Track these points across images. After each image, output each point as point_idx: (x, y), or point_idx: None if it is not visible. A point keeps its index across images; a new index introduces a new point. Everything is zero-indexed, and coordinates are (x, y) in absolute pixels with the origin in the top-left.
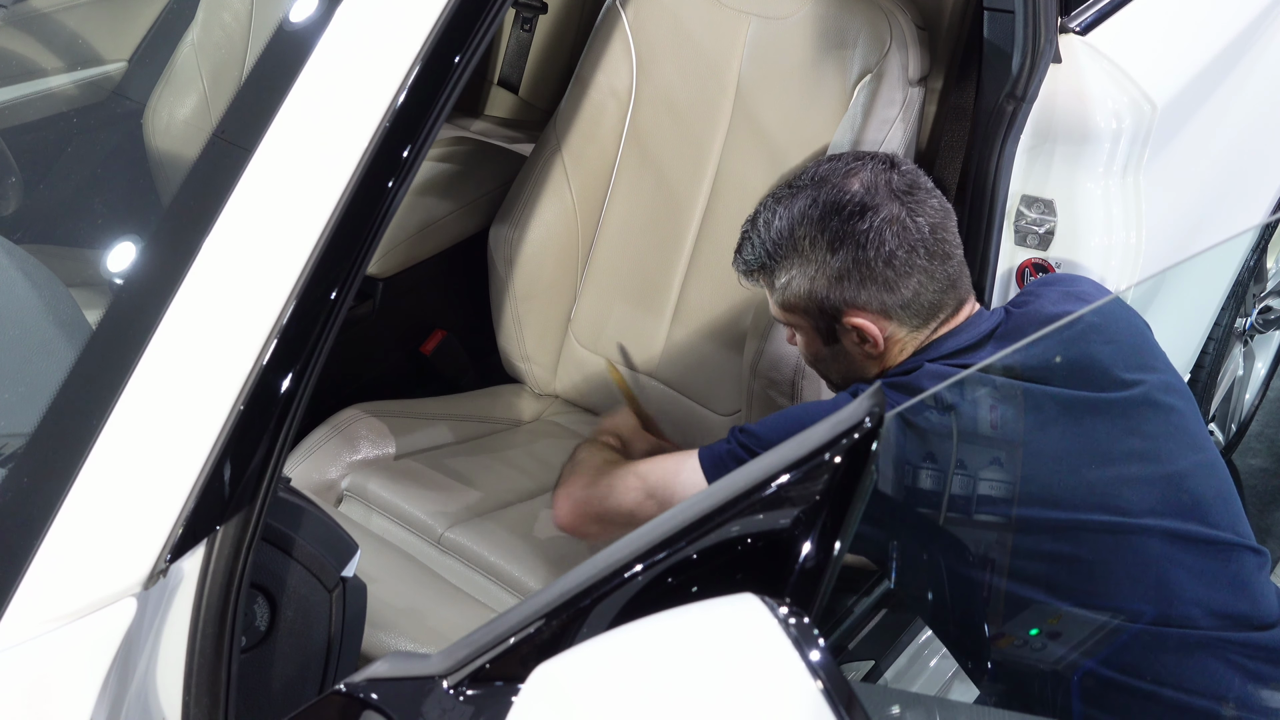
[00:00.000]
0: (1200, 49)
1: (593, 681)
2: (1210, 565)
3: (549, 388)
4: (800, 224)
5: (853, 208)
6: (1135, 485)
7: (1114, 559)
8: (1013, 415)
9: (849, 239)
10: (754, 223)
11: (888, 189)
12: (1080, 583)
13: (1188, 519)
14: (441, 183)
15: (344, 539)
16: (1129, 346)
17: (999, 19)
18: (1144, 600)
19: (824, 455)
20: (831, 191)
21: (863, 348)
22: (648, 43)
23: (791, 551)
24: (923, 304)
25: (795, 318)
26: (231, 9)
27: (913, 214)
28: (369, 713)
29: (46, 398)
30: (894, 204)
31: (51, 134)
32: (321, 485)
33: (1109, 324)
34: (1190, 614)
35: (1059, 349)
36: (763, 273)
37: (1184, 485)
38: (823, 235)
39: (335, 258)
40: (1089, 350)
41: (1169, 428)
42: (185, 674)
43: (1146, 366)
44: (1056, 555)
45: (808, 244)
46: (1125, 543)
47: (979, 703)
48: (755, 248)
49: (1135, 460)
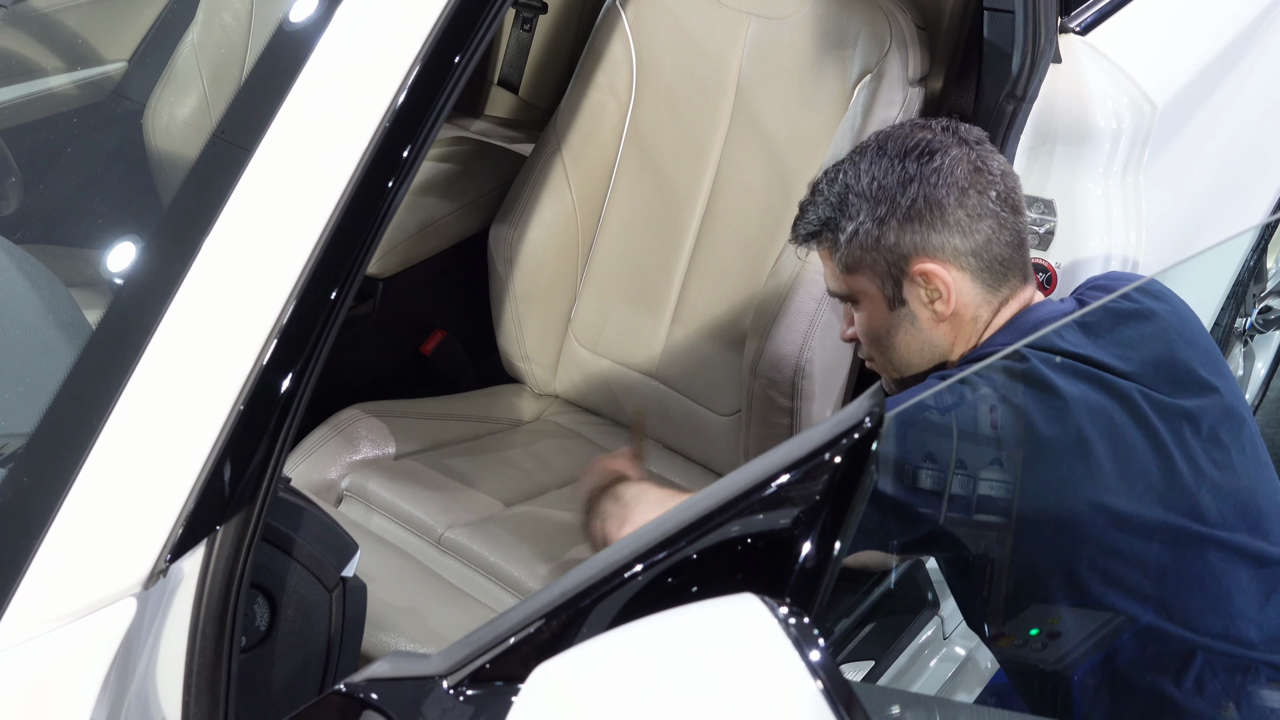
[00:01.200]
0: (1200, 49)
1: (593, 681)
2: (1266, 585)
3: (549, 388)
4: (869, 170)
5: (922, 149)
6: (1214, 495)
7: (1189, 569)
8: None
9: (919, 178)
10: (815, 189)
11: (956, 136)
12: (1158, 590)
13: (1255, 534)
14: (441, 183)
15: (344, 539)
16: (1204, 351)
17: (999, 19)
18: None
19: (824, 455)
20: (899, 140)
21: (932, 307)
22: (648, 43)
23: (791, 551)
24: (994, 256)
25: (858, 280)
26: (231, 9)
27: (984, 158)
28: (369, 713)
29: (46, 398)
30: (964, 147)
31: (51, 134)
32: (321, 485)
33: (1186, 325)
34: (1247, 633)
35: (1143, 344)
36: (826, 231)
37: (1253, 500)
38: (891, 175)
39: (335, 258)
40: (1172, 349)
41: (1241, 439)
42: (185, 674)
43: (1221, 373)
44: (1137, 557)
45: (876, 187)
46: (1200, 553)
47: (979, 703)
48: (819, 207)
49: (1215, 468)
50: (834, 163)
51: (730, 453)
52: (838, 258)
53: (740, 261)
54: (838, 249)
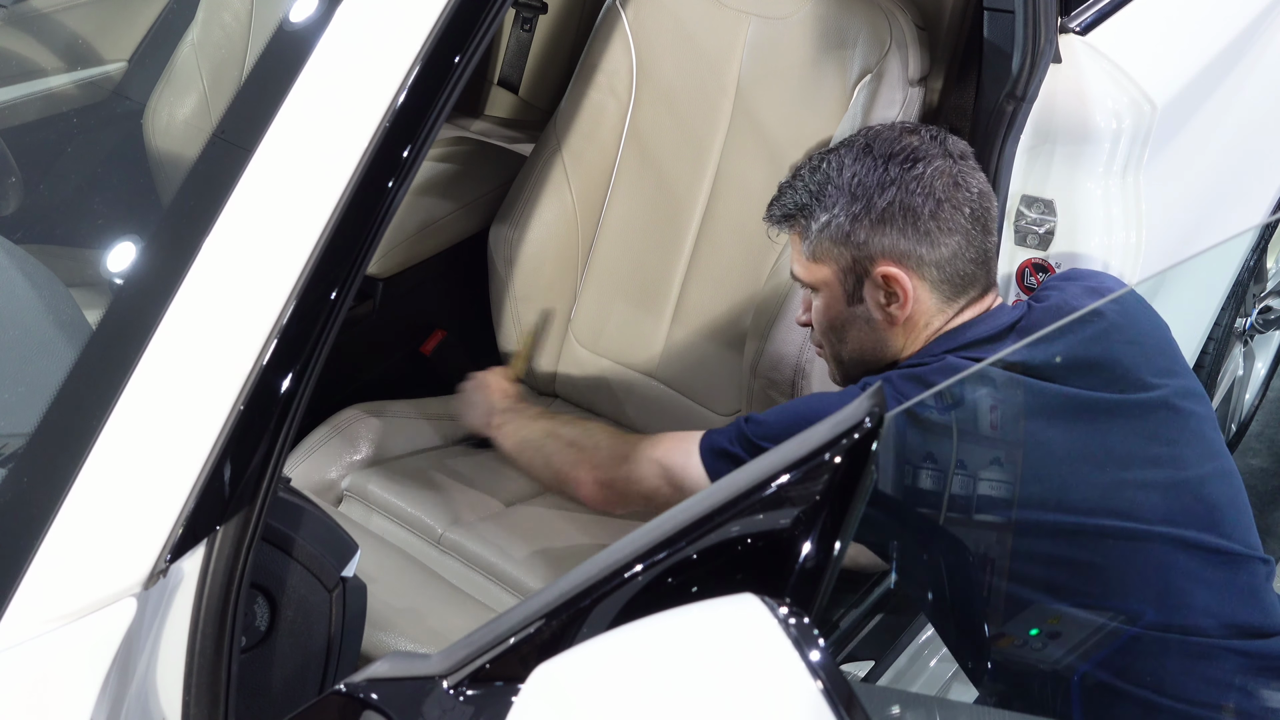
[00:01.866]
0: (1200, 49)
1: (593, 681)
2: (1221, 575)
3: (549, 388)
4: (850, 165)
5: (907, 154)
6: (1150, 491)
7: (1124, 565)
8: (1024, 413)
9: (899, 182)
10: (795, 174)
11: (942, 147)
12: (1087, 586)
13: (1202, 528)
14: (441, 183)
15: (344, 539)
16: (1151, 348)
17: (999, 19)
18: (1152, 607)
19: (824, 455)
20: (885, 142)
21: (887, 309)
22: (648, 43)
23: (791, 551)
24: (956, 270)
25: (822, 270)
26: (231, 9)
27: (964, 174)
28: (369, 713)
29: (46, 398)
30: (948, 160)
31: (51, 134)
32: (321, 485)
33: (1131, 323)
34: (1201, 624)
35: (1079, 346)
36: (800, 216)
37: (1199, 493)
38: (872, 175)
39: (335, 258)
40: (1110, 349)
41: (1187, 433)
42: (185, 674)
43: (1167, 370)
44: (1064, 559)
45: (856, 183)
46: (1137, 549)
47: (979, 703)
48: (797, 192)
49: (1151, 465)
50: (820, 151)
51: None
52: (806, 245)
53: (740, 261)
54: (808, 236)
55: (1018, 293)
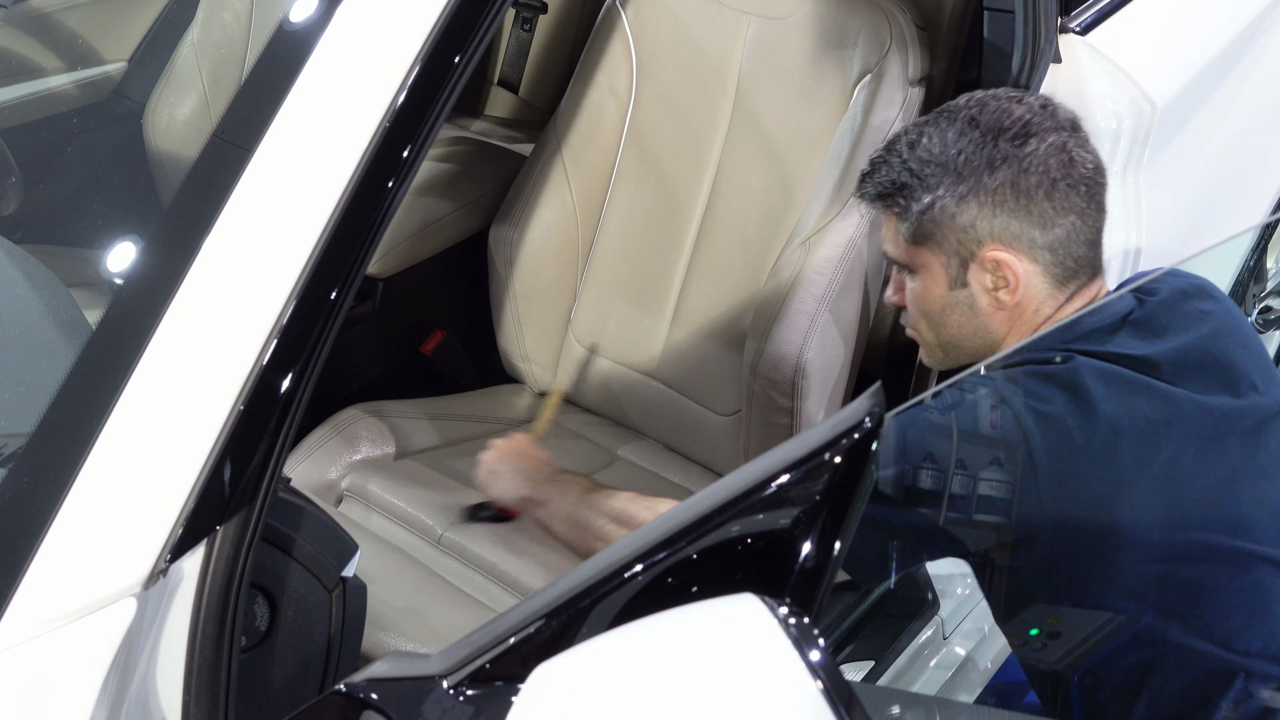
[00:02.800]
0: (1200, 49)
1: (593, 681)
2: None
3: (549, 388)
4: (957, 141)
5: (1018, 129)
6: (1259, 507)
7: (1230, 586)
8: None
9: (1011, 160)
10: (890, 148)
11: (1053, 119)
12: (1195, 609)
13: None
14: (441, 183)
15: (344, 539)
16: (1258, 354)
17: (999, 19)
18: (1252, 632)
19: (824, 455)
20: (993, 114)
21: (995, 295)
22: (648, 43)
23: (791, 551)
24: (1070, 254)
25: (924, 253)
26: (231, 9)
27: (1077, 148)
28: (369, 713)
29: (46, 398)
30: (1062, 133)
31: (51, 134)
32: (321, 485)
33: (1240, 328)
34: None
35: (1198, 346)
36: (899, 195)
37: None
38: (981, 152)
39: (335, 258)
40: (1227, 351)
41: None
42: (185, 674)
43: (1272, 379)
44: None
45: (963, 161)
46: (1243, 570)
47: (979, 703)
48: (894, 168)
49: (1261, 479)
50: (917, 121)
51: (730, 453)
52: (905, 226)
53: (740, 261)
54: (908, 217)
55: None
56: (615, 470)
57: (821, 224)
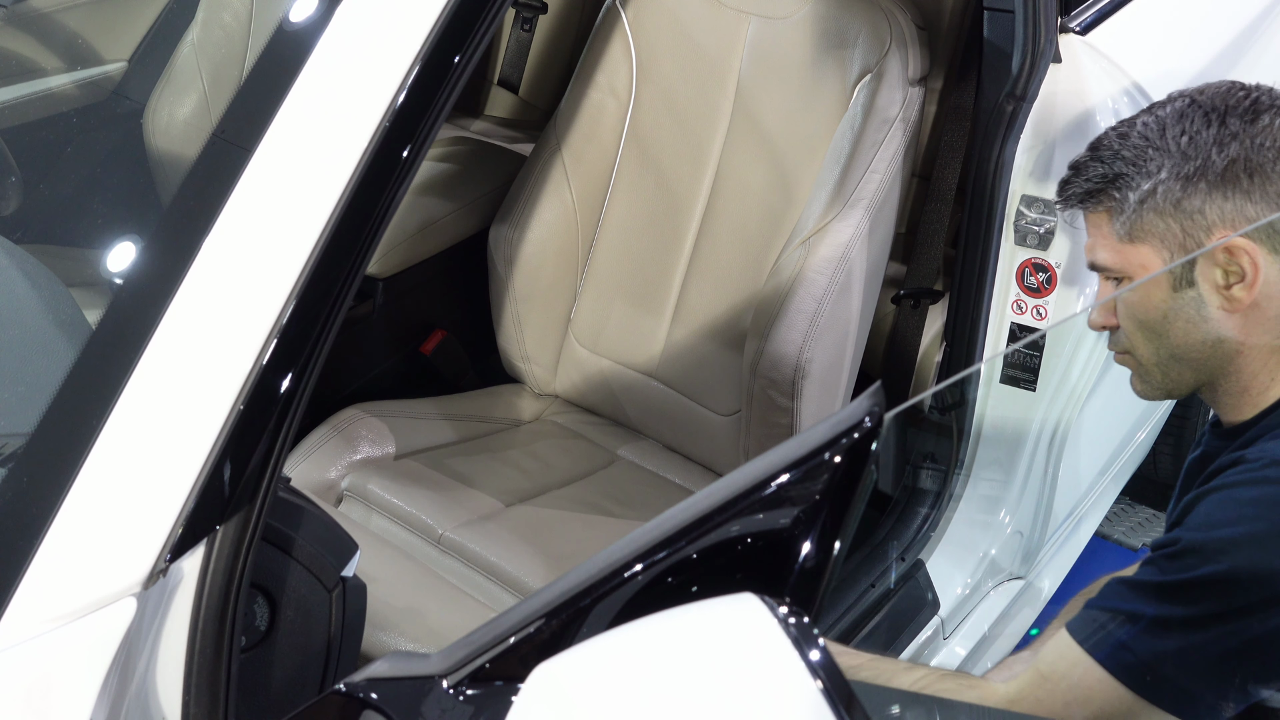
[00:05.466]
0: (1200, 49)
1: (593, 681)
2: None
3: (549, 388)
4: (1178, 123)
5: (1245, 105)
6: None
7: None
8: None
9: (1240, 136)
10: (1095, 146)
11: None
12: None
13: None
14: (441, 183)
15: (344, 539)
16: None
17: (999, 19)
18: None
19: (824, 455)
20: (1215, 95)
21: (1228, 291)
22: (648, 43)
23: (791, 551)
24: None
25: (1142, 251)
26: (231, 9)
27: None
28: (369, 712)
29: (46, 398)
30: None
31: (51, 134)
32: (321, 485)
33: None
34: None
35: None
36: (1111, 189)
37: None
38: (1207, 130)
39: (335, 258)
40: None
41: None
42: (185, 674)
43: None
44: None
45: (1186, 140)
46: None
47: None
48: (1104, 163)
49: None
50: (1122, 119)
51: (730, 453)
52: (1120, 222)
53: (740, 261)
54: (1123, 211)
55: (1018, 293)
56: (615, 470)
57: (822, 224)
